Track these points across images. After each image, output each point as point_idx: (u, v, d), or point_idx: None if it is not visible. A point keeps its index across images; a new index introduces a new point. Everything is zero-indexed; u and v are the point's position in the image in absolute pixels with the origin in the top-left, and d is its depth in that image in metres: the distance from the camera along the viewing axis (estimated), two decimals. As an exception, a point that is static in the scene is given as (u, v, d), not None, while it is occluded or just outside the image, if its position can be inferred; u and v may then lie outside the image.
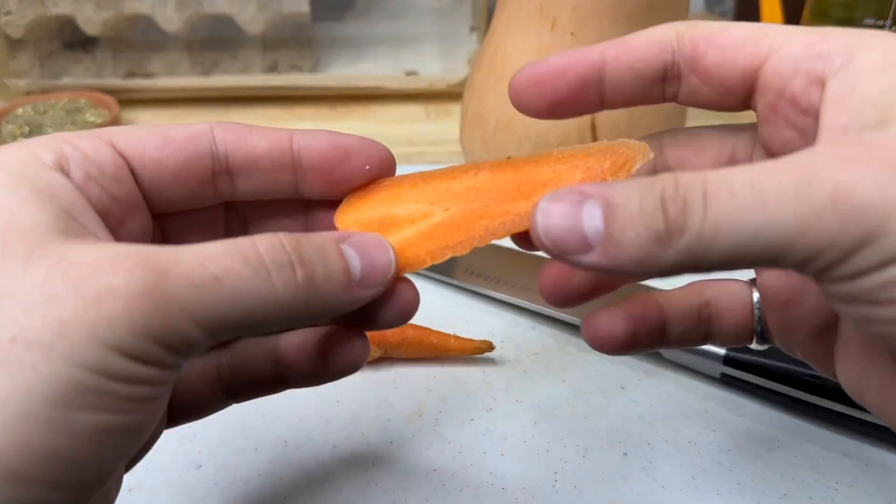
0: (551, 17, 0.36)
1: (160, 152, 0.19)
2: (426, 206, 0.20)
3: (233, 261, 0.16)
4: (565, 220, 0.16)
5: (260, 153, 0.20)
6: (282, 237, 0.17)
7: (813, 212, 0.14)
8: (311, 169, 0.20)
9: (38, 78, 0.56)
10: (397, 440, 0.29)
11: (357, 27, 0.66)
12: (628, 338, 0.21)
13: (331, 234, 0.18)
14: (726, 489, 0.27)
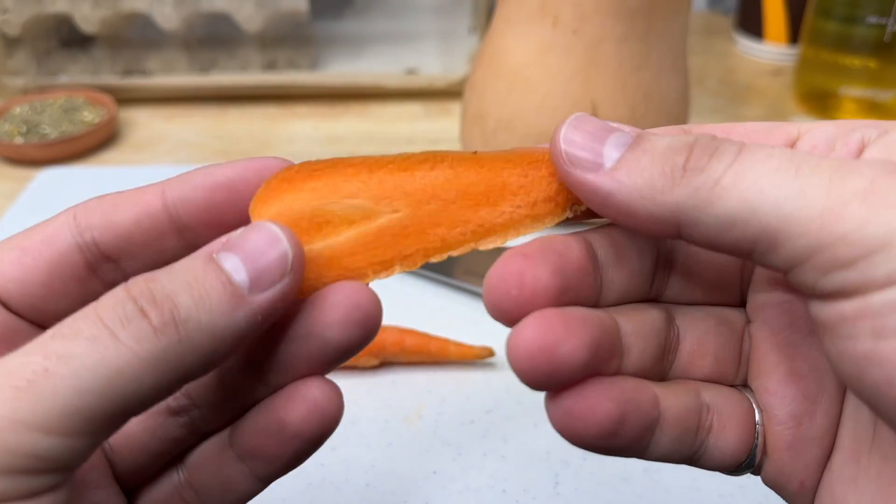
0: (552, 15, 0.35)
1: (19, 269, 0.16)
2: (369, 204, 0.16)
3: (64, 340, 0.13)
4: (589, 134, 0.15)
5: (130, 228, 0.17)
6: (129, 284, 0.14)
7: (843, 197, 0.12)
8: (198, 225, 0.17)
9: (35, 76, 0.56)
10: (397, 442, 0.29)
11: (356, 25, 0.65)
12: (612, 424, 0.15)
13: (202, 251, 0.15)
14: (728, 491, 0.27)
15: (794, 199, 0.13)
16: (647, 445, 0.16)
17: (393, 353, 0.31)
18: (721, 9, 0.77)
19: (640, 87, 0.36)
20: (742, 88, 0.61)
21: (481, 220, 0.16)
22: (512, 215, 0.16)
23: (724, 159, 0.13)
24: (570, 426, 0.15)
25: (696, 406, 0.17)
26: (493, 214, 0.16)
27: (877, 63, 0.51)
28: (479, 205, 0.16)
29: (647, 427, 0.16)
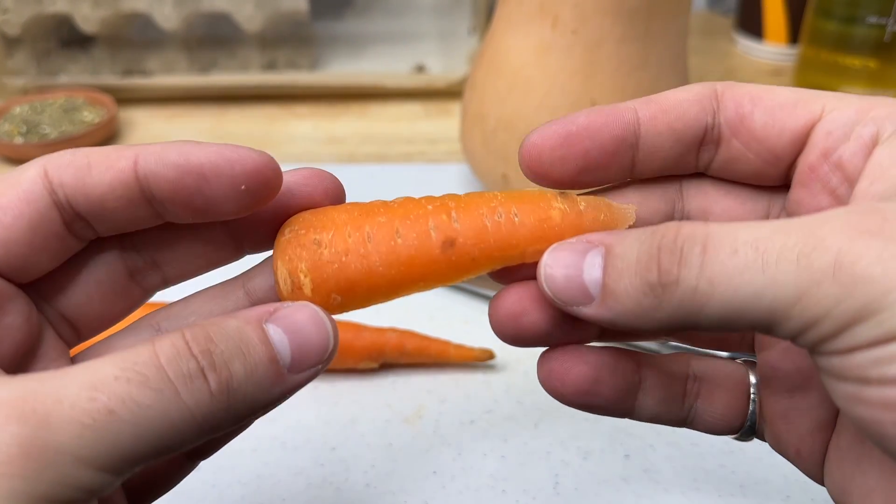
0: (552, 15, 0.35)
1: (1, 230, 0.16)
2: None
3: (129, 385, 0.13)
4: (567, 271, 0.16)
5: (103, 193, 0.17)
6: (188, 337, 0.14)
7: (813, 279, 0.13)
8: (167, 200, 0.17)
9: (35, 76, 0.56)
10: (397, 442, 0.29)
11: (356, 25, 0.65)
12: (586, 384, 0.18)
13: (252, 314, 0.16)
14: (728, 491, 0.27)
15: (769, 290, 0.14)
16: (631, 407, 0.19)
17: (393, 356, 0.31)
18: (721, 9, 0.77)
19: (640, 87, 0.36)
20: (742, 88, 0.61)
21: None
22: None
23: (692, 265, 0.14)
24: (550, 384, 0.18)
25: (683, 373, 0.19)
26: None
27: (877, 63, 0.51)
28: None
29: (625, 389, 0.18)
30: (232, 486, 0.27)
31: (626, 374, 0.18)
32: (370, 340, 0.31)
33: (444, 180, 0.46)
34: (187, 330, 0.15)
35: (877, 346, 0.13)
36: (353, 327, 0.31)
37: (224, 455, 0.28)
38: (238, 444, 0.29)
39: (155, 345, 0.14)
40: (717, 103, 0.17)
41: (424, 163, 0.49)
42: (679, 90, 0.18)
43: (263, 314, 0.16)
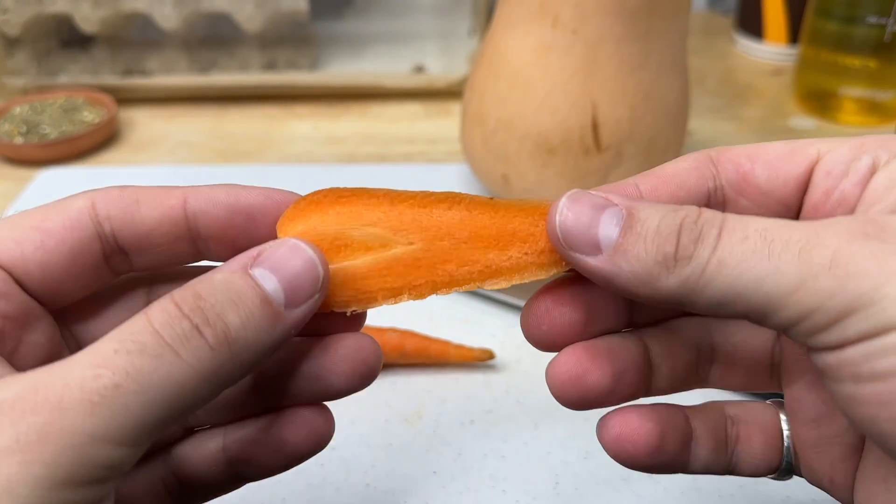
0: (552, 15, 0.35)
1: (42, 252, 0.17)
2: (387, 234, 0.17)
3: (129, 356, 0.14)
4: (583, 218, 0.16)
5: (150, 229, 0.17)
6: (178, 299, 0.15)
7: (811, 271, 0.14)
8: (211, 238, 0.18)
9: (35, 76, 0.56)
10: (397, 442, 0.29)
11: (356, 25, 0.65)
12: (656, 440, 0.18)
13: (236, 263, 0.16)
14: (728, 491, 0.27)
15: (771, 277, 0.14)
16: (687, 460, 0.19)
17: (393, 357, 0.31)
18: (721, 9, 0.77)
19: (640, 87, 0.36)
20: (742, 88, 0.61)
21: (489, 261, 0.17)
22: (518, 261, 0.17)
23: (707, 245, 0.15)
24: (621, 449, 0.18)
25: (722, 420, 0.20)
26: (501, 258, 0.17)
27: (877, 63, 0.51)
28: (489, 247, 0.17)
29: (684, 442, 0.19)
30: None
31: (682, 427, 0.19)
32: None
33: (444, 180, 0.46)
34: (175, 293, 0.15)
35: (867, 339, 0.14)
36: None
37: (224, 455, 0.28)
38: (238, 444, 0.29)
39: (147, 313, 0.15)
40: (715, 168, 0.18)
41: (424, 163, 0.49)
42: (675, 161, 0.18)
43: (247, 260, 0.16)
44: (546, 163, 0.38)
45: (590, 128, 0.36)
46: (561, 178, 0.38)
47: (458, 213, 0.18)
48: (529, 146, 0.38)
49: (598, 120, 0.36)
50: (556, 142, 0.37)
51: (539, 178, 0.38)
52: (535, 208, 0.17)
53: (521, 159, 0.38)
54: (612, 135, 0.37)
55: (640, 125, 0.37)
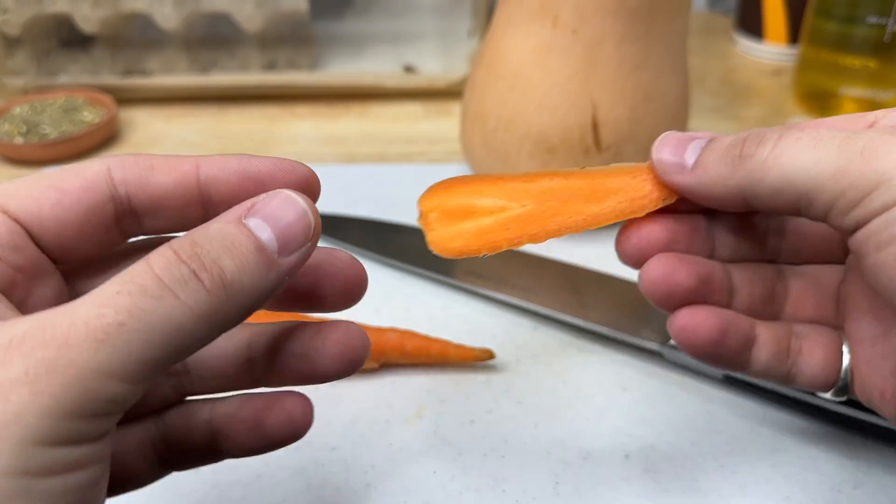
0: (552, 15, 0.35)
1: (58, 210, 0.18)
2: (504, 202, 0.22)
3: (132, 297, 0.15)
4: (674, 147, 0.21)
5: (164, 192, 0.18)
6: (176, 246, 0.16)
7: (847, 158, 0.17)
8: (223, 203, 0.19)
9: (35, 76, 0.56)
10: (397, 442, 0.29)
11: (356, 25, 0.65)
12: (717, 335, 0.21)
13: (231, 214, 0.17)
14: (729, 492, 0.27)
15: (815, 166, 0.18)
16: (748, 360, 0.22)
17: (393, 356, 0.31)
18: (721, 9, 0.77)
19: (640, 87, 0.36)
20: (742, 88, 0.61)
21: (590, 211, 0.21)
22: (615, 208, 0.22)
23: (768, 145, 0.19)
24: (684, 336, 0.21)
25: (787, 334, 0.22)
26: (599, 207, 0.21)
27: (877, 63, 0.51)
28: (588, 201, 0.22)
29: (744, 343, 0.21)
30: (232, 486, 0.27)
31: (746, 331, 0.21)
32: (370, 340, 0.31)
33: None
34: (174, 241, 0.16)
35: (887, 210, 0.17)
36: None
37: (224, 455, 0.28)
38: (238, 444, 0.29)
39: (147, 259, 0.16)
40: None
41: (425, 163, 0.49)
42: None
43: (242, 211, 0.17)
44: (546, 162, 0.38)
45: (590, 127, 0.36)
46: (561, 178, 0.38)
47: (558, 181, 0.22)
48: (529, 146, 0.38)
49: (598, 120, 0.36)
50: (556, 141, 0.37)
51: (539, 178, 0.38)
52: (621, 170, 0.22)
53: (521, 159, 0.38)
54: (612, 134, 0.37)
55: (639, 125, 0.37)
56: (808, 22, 0.54)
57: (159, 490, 0.27)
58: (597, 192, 0.22)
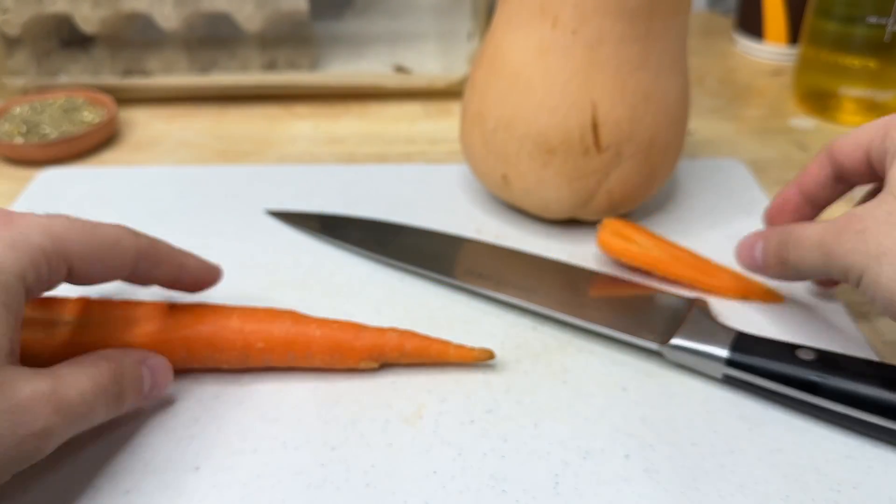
0: (552, 15, 0.35)
1: (98, 265, 0.26)
2: (651, 245, 0.38)
3: (66, 406, 0.23)
4: (746, 253, 0.34)
5: (159, 274, 0.29)
6: (112, 370, 0.25)
7: (823, 255, 0.28)
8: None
9: (35, 76, 0.56)
10: (397, 442, 0.29)
11: (356, 25, 0.65)
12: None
13: (138, 356, 0.27)
14: (728, 491, 0.27)
15: (820, 261, 0.29)
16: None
17: (393, 357, 0.31)
18: (721, 9, 0.77)
19: (640, 87, 0.36)
20: (742, 88, 0.61)
21: (701, 279, 0.36)
22: (717, 284, 0.36)
23: (791, 251, 0.30)
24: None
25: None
26: (708, 279, 0.36)
27: (877, 63, 0.51)
28: (701, 273, 0.36)
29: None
30: (232, 485, 0.27)
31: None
32: (370, 341, 0.31)
33: (444, 180, 0.46)
34: (109, 363, 0.26)
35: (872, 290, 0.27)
36: (352, 327, 0.31)
37: (224, 455, 0.28)
38: (238, 444, 0.29)
39: (94, 374, 0.25)
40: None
41: (425, 163, 0.49)
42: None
43: (142, 356, 0.28)
44: (546, 162, 0.38)
45: (589, 128, 0.36)
46: (561, 177, 0.38)
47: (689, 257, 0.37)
48: (529, 146, 0.38)
49: (598, 120, 0.36)
50: (556, 142, 0.37)
51: (539, 177, 0.38)
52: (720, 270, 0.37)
53: (521, 159, 0.38)
54: (612, 135, 0.37)
55: (639, 125, 0.37)
56: (808, 22, 0.54)
57: (158, 489, 0.27)
58: (709, 270, 0.36)
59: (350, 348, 0.31)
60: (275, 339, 0.30)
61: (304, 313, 0.32)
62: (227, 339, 0.30)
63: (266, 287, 0.37)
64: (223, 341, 0.30)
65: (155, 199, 0.44)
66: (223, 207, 0.44)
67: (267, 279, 0.38)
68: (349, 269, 0.38)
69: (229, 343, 0.30)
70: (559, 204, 0.39)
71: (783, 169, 0.48)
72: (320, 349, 0.31)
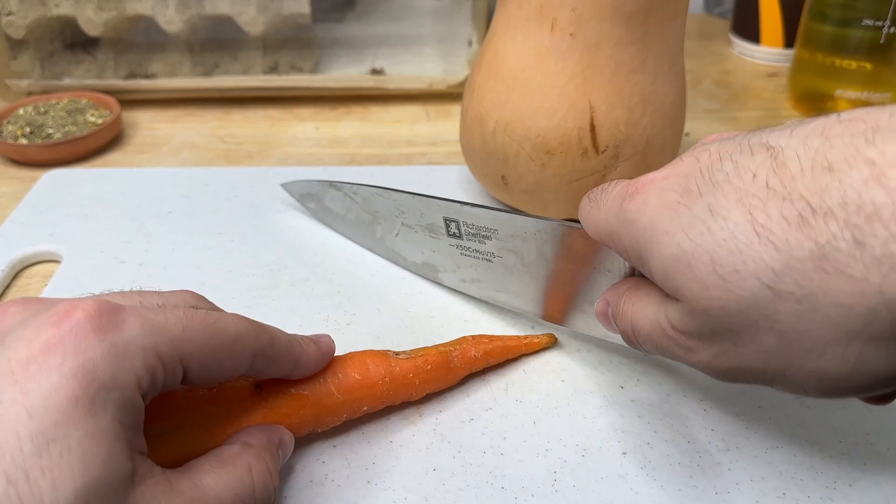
0: (551, 18, 0.36)
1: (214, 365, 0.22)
2: None
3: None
4: (603, 322, 0.28)
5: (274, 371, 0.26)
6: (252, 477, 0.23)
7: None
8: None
9: (40, 78, 0.56)
10: (397, 439, 0.29)
11: (357, 28, 0.66)
12: None
13: (274, 437, 0.25)
14: (724, 488, 0.27)
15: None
16: None
17: (476, 365, 0.32)
18: (717, 12, 0.77)
19: (637, 89, 0.37)
20: (738, 91, 0.61)
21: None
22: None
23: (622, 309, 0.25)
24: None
25: None
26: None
27: (872, 65, 0.51)
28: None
29: None
30: (235, 482, 0.27)
31: None
32: (456, 362, 0.31)
33: (444, 182, 0.47)
34: (255, 458, 0.24)
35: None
36: (439, 356, 0.30)
37: (227, 452, 0.28)
38: (241, 441, 0.29)
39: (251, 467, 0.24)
40: None
41: (426, 164, 0.50)
42: None
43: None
44: (545, 164, 0.38)
45: (588, 129, 0.37)
46: (559, 179, 0.38)
47: None
48: (528, 148, 0.38)
49: (596, 122, 0.37)
50: (555, 143, 0.37)
51: (538, 179, 0.39)
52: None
53: (520, 161, 0.38)
54: (610, 136, 0.37)
55: (637, 127, 0.37)
56: (804, 24, 0.55)
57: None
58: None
59: (444, 380, 0.30)
60: (376, 398, 0.28)
61: (389, 352, 0.30)
62: (332, 414, 0.28)
63: (268, 287, 0.37)
64: (329, 418, 0.28)
65: (158, 200, 0.45)
66: (226, 208, 0.44)
67: (269, 279, 0.38)
68: (350, 269, 0.39)
69: (334, 417, 0.28)
70: (557, 205, 0.40)
71: (780, 170, 0.49)
72: (418, 391, 0.30)
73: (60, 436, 0.17)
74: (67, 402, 0.17)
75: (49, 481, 0.16)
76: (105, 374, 0.18)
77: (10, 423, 0.17)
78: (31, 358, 0.18)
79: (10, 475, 0.16)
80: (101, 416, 0.18)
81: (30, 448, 0.16)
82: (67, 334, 0.18)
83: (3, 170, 0.50)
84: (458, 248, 0.34)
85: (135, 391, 0.19)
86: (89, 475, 0.17)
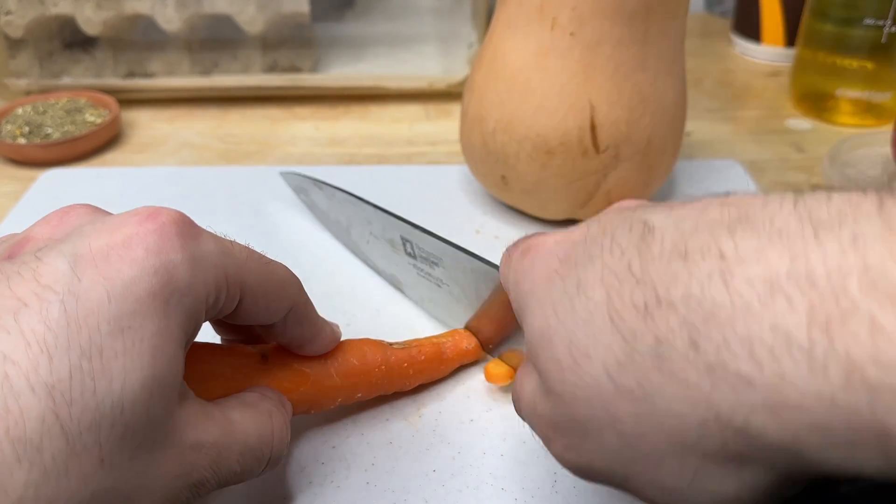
0: (551, 18, 0.36)
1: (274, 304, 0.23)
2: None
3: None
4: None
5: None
6: (272, 423, 0.23)
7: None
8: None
9: (38, 78, 0.56)
10: (397, 440, 0.29)
11: (357, 27, 0.66)
12: None
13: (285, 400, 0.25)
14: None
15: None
16: None
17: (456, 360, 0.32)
18: (718, 11, 0.77)
19: (638, 89, 0.37)
20: (739, 90, 0.61)
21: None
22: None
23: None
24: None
25: None
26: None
27: (874, 64, 0.51)
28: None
29: None
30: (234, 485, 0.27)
31: None
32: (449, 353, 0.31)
33: (444, 182, 0.46)
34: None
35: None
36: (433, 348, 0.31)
37: (226, 453, 0.28)
38: (240, 442, 0.29)
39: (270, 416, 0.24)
40: None
41: (425, 164, 0.50)
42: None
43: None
44: (545, 164, 0.38)
45: (588, 129, 0.37)
46: (559, 178, 0.38)
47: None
48: (528, 147, 0.38)
49: (597, 121, 0.37)
50: (555, 143, 0.37)
51: (538, 179, 0.39)
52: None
53: (521, 160, 0.38)
54: (610, 136, 0.37)
55: (637, 126, 0.37)
56: (805, 24, 0.55)
57: (162, 487, 0.27)
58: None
59: (437, 370, 0.31)
60: (372, 385, 0.29)
61: (385, 342, 0.30)
62: (329, 396, 0.28)
63: (267, 287, 0.37)
64: (325, 400, 0.28)
65: (157, 200, 0.44)
66: (224, 208, 0.44)
67: (268, 279, 0.38)
68: (349, 269, 0.39)
69: (329, 400, 0.28)
70: (558, 204, 0.40)
71: (780, 170, 0.49)
72: (411, 381, 0.30)
73: (136, 325, 0.17)
74: (146, 295, 0.17)
75: (120, 365, 0.17)
76: (182, 279, 0.18)
77: (91, 301, 0.17)
78: (112, 248, 0.18)
79: (86, 350, 0.16)
80: (172, 318, 0.18)
81: (107, 329, 0.17)
82: (152, 233, 0.18)
83: (2, 170, 0.50)
84: (414, 268, 0.34)
85: (202, 304, 0.19)
86: (157, 368, 0.17)
